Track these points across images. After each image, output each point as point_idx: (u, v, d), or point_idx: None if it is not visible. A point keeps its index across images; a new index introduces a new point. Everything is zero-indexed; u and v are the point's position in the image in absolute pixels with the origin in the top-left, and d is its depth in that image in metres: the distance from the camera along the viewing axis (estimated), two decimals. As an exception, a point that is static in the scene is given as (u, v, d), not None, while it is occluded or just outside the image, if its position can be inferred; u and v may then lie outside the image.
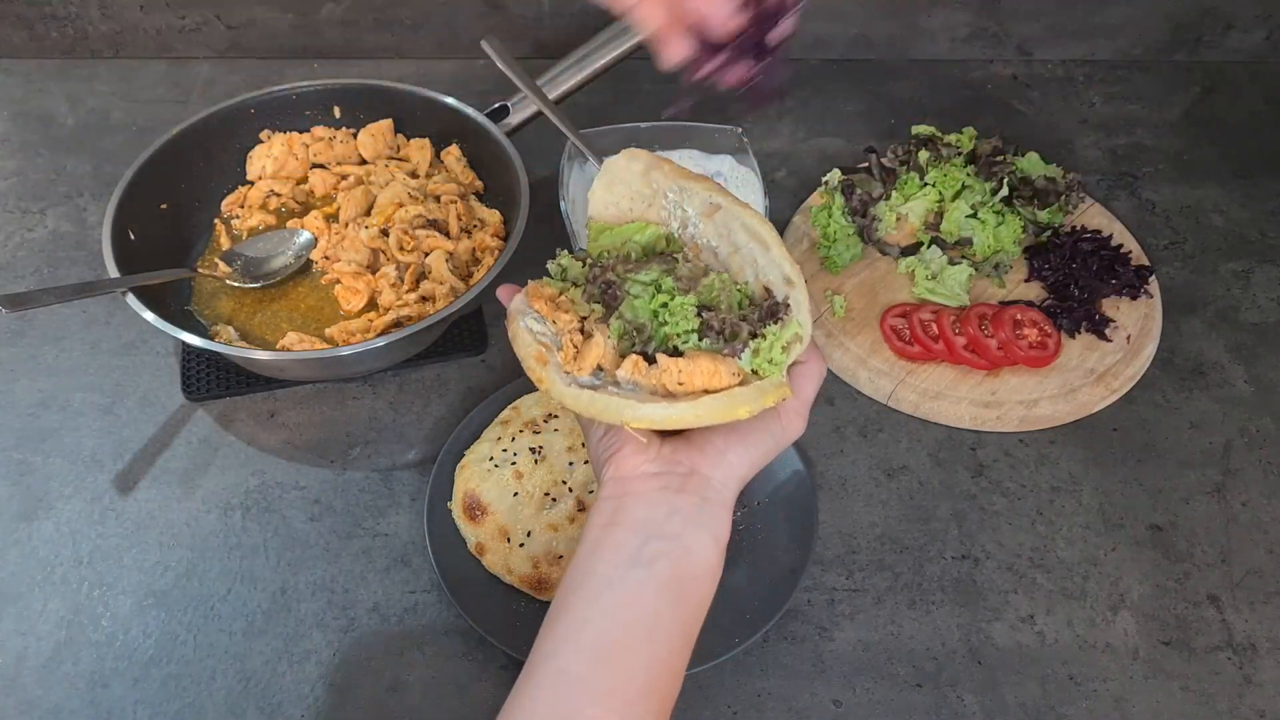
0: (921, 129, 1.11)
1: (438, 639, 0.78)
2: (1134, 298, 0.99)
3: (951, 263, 0.99)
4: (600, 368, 0.58)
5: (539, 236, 0.97)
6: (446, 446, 0.85)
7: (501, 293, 0.66)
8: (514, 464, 0.82)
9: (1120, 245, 1.03)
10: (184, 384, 0.93)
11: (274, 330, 0.94)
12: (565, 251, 0.65)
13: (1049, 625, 0.80)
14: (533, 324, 0.61)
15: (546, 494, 0.81)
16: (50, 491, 0.86)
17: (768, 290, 0.59)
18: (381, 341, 0.84)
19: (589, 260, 0.64)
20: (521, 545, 0.78)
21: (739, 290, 0.60)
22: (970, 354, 0.93)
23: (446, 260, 0.95)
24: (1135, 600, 0.81)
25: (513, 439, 0.84)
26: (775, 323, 0.57)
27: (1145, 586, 0.82)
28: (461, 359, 0.96)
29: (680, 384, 0.56)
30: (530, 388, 0.88)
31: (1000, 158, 1.07)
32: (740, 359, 0.57)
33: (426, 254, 0.96)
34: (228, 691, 0.75)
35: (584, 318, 0.61)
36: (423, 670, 0.77)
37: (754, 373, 0.57)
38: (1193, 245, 1.08)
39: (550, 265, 0.65)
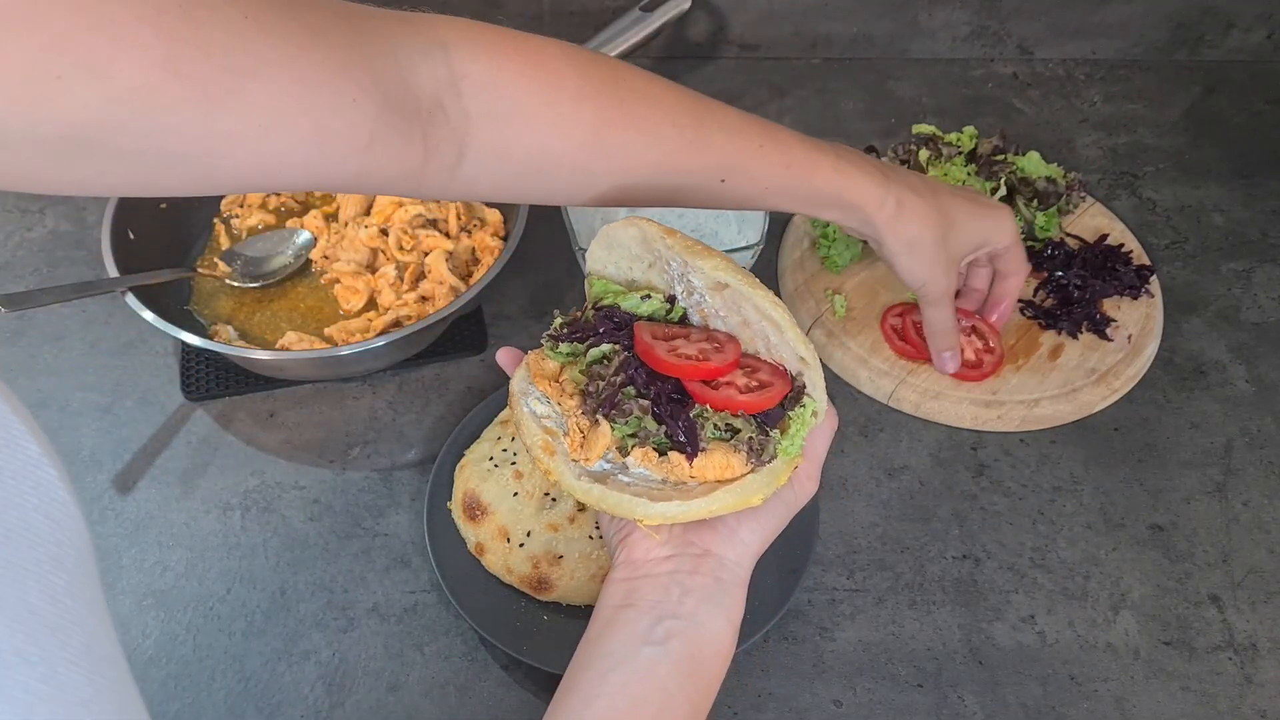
0: (922, 128, 1.10)
1: (438, 639, 0.78)
2: (1135, 297, 0.99)
3: (951, 262, 0.99)
4: (609, 449, 0.56)
5: (539, 236, 0.97)
6: (446, 446, 0.85)
7: (502, 358, 0.64)
8: (514, 464, 0.82)
9: (1121, 245, 1.03)
10: (183, 384, 0.92)
11: (273, 330, 0.94)
12: (559, 315, 0.62)
13: (1050, 625, 0.79)
14: (537, 406, 0.59)
15: (546, 494, 0.80)
16: (49, 491, 0.86)
17: (782, 367, 0.58)
18: (381, 341, 0.83)
19: (590, 311, 0.61)
20: (521, 545, 0.78)
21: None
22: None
23: (446, 259, 0.95)
24: (1136, 600, 0.81)
25: (513, 439, 0.84)
26: (799, 405, 0.56)
27: (1146, 586, 0.82)
28: (461, 359, 0.96)
29: (693, 477, 0.55)
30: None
31: (1001, 157, 1.07)
32: (765, 461, 0.55)
33: (426, 253, 0.96)
34: (227, 692, 0.75)
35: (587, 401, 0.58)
36: (422, 670, 0.77)
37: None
38: (1194, 245, 1.08)
39: (544, 342, 0.61)
